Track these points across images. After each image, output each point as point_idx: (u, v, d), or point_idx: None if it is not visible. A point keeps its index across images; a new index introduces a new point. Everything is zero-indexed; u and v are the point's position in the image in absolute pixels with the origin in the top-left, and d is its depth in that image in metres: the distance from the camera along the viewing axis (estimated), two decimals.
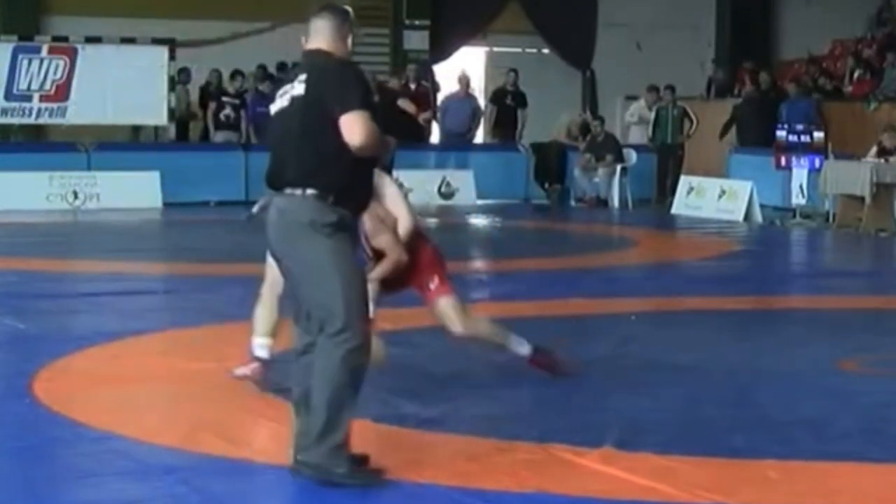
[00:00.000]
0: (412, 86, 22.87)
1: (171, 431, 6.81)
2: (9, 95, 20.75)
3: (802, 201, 19.04)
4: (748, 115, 22.09)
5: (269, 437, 6.89)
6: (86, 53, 21.04)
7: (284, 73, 21.82)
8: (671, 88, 22.72)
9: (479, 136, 24.69)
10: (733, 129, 22.60)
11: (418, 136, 22.83)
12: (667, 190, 21.94)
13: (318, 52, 5.94)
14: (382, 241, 7.44)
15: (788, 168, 19.32)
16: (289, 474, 5.94)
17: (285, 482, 6.02)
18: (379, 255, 7.46)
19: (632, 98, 24.12)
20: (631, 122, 23.62)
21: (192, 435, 6.70)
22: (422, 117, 22.16)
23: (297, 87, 5.82)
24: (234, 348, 8.86)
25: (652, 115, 22.97)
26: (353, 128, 5.62)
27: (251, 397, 7.53)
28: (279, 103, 5.89)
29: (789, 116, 20.72)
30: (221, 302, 11.01)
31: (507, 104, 23.48)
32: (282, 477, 6.07)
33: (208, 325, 9.90)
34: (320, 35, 5.95)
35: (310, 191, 5.71)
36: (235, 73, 21.98)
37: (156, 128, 22.29)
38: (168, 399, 7.82)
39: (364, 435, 6.86)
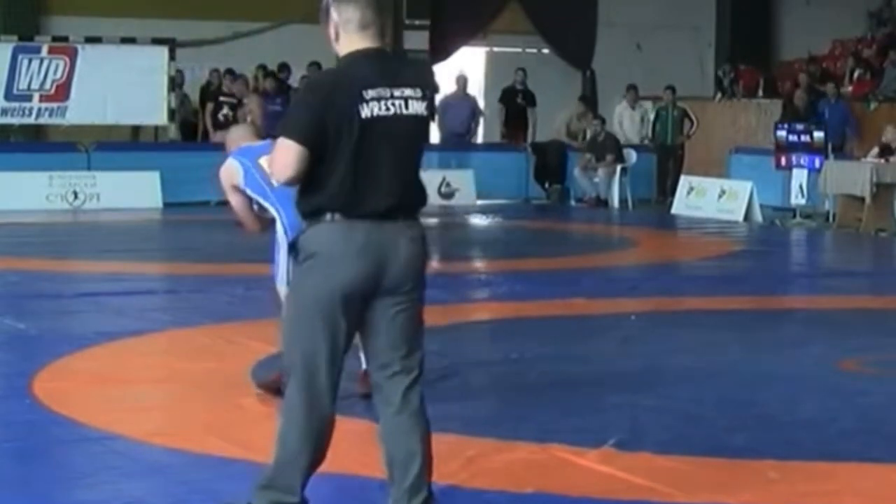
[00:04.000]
0: None
1: (171, 431, 6.81)
2: (9, 95, 20.76)
3: (802, 201, 19.04)
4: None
5: (269, 437, 6.87)
6: (86, 53, 21.04)
7: (313, 70, 21.85)
8: (671, 89, 22.73)
9: (479, 136, 24.68)
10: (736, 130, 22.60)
11: None
12: (667, 190, 21.95)
13: (391, 55, 5.14)
14: None
15: (788, 168, 19.32)
16: None
17: None
18: None
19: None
20: (623, 114, 23.64)
21: (192, 435, 6.70)
22: None
23: (416, 105, 4.96)
24: (234, 348, 8.87)
25: (637, 115, 23.11)
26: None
27: (251, 397, 7.54)
28: (376, 111, 4.90)
29: (831, 118, 20.60)
30: (221, 302, 11.01)
31: (518, 103, 23.50)
32: None
33: (208, 325, 9.89)
34: (376, 28, 5.03)
35: (418, 218, 5.08)
36: (228, 72, 21.98)
37: (156, 128, 22.29)
38: (168, 399, 7.82)
39: (364, 435, 6.86)
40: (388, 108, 4.90)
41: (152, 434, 6.69)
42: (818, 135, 19.13)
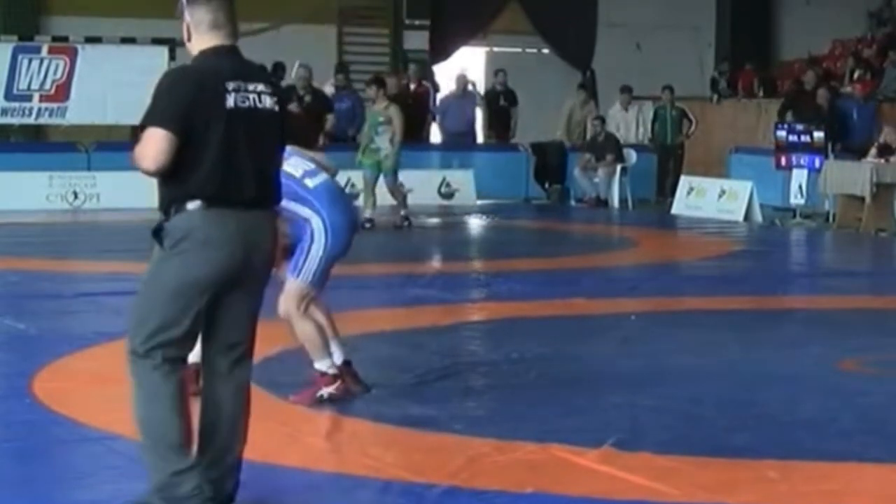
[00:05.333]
0: (412, 86, 22.82)
1: None
2: (9, 95, 20.74)
3: (801, 201, 19.04)
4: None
5: (267, 437, 6.88)
6: (86, 53, 21.03)
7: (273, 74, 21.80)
8: (670, 89, 22.74)
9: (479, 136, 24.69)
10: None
11: (418, 135, 22.90)
12: (667, 190, 21.94)
13: (240, 53, 5.32)
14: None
15: (788, 168, 19.32)
16: (283, 473, 5.93)
17: (284, 481, 6.02)
18: None
19: (633, 98, 24.12)
20: (617, 116, 23.60)
21: (192, 435, 6.68)
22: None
23: (268, 100, 5.24)
24: None
25: (632, 116, 23.15)
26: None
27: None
28: (238, 102, 5.14)
29: (860, 119, 20.50)
30: None
31: (501, 105, 23.51)
32: (281, 476, 6.07)
33: None
34: (228, 29, 5.26)
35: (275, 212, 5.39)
36: None
37: None
38: None
39: (364, 435, 6.87)
40: (244, 101, 5.15)
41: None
42: (818, 135, 19.13)
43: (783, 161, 19.38)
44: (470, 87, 23.44)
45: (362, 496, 5.79)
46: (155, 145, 5.04)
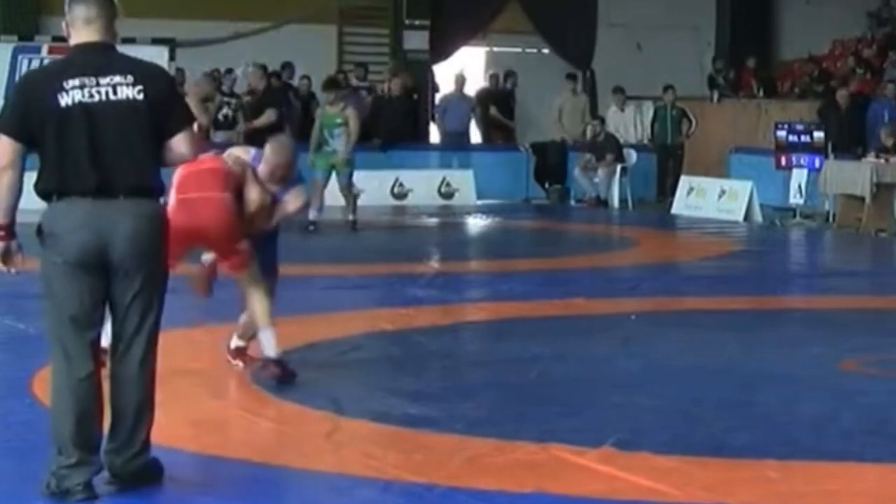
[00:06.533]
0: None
1: (170, 431, 6.79)
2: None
3: (800, 201, 19.04)
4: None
5: (268, 437, 6.89)
6: None
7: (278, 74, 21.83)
8: (671, 88, 22.74)
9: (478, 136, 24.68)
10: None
11: (417, 135, 22.91)
12: (667, 190, 21.95)
13: (110, 48, 5.57)
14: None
15: (788, 168, 19.32)
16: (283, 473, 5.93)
17: (283, 481, 6.02)
18: None
19: (631, 98, 24.13)
20: (614, 117, 23.58)
21: (192, 435, 6.70)
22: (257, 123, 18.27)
23: (126, 90, 5.44)
24: None
25: (629, 115, 23.17)
26: (190, 142, 5.61)
27: (250, 397, 7.54)
28: (80, 97, 5.40)
29: (891, 119, 20.45)
30: (221, 302, 10.98)
31: (510, 107, 23.51)
32: (281, 476, 6.08)
33: (208, 325, 9.88)
34: (101, 23, 5.54)
35: (151, 198, 5.57)
36: (228, 71, 21.92)
37: None
38: (167, 399, 7.78)
39: (364, 435, 6.87)
40: (91, 95, 5.43)
41: (151, 434, 6.67)
42: (818, 135, 19.13)
43: (783, 161, 19.38)
44: (466, 90, 23.44)
45: (362, 496, 5.79)
46: (1, 151, 5.49)
